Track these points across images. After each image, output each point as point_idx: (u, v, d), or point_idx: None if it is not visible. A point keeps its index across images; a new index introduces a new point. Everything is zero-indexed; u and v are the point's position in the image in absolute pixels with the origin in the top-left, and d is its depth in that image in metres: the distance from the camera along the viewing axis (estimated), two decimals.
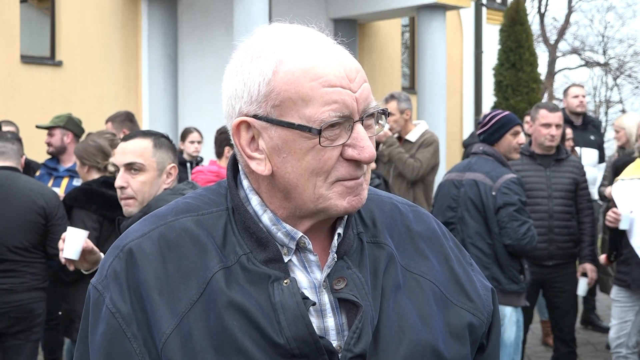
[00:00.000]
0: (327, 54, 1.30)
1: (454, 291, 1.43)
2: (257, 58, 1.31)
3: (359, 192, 1.33)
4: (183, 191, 3.01)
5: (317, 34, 1.35)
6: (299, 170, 1.29)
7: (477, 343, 1.46)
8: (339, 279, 1.33)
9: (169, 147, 3.17)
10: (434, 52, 12.22)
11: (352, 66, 1.31)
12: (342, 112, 1.27)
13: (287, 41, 1.32)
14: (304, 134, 1.27)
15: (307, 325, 1.26)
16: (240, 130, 1.33)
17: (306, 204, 1.31)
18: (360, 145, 1.29)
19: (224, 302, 1.27)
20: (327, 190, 1.30)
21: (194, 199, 1.41)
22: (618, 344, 5.12)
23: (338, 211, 1.32)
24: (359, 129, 1.30)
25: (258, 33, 1.36)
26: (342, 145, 1.29)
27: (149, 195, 3.08)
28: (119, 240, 1.37)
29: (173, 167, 3.11)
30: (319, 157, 1.28)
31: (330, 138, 1.28)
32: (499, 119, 4.80)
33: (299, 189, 1.30)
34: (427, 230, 1.48)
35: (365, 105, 1.31)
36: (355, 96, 1.29)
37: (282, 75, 1.28)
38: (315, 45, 1.31)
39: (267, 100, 1.29)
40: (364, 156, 1.29)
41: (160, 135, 3.22)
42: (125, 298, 1.29)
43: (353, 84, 1.29)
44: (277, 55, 1.30)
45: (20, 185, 4.56)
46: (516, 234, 4.60)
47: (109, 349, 1.29)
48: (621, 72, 28.81)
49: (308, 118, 1.27)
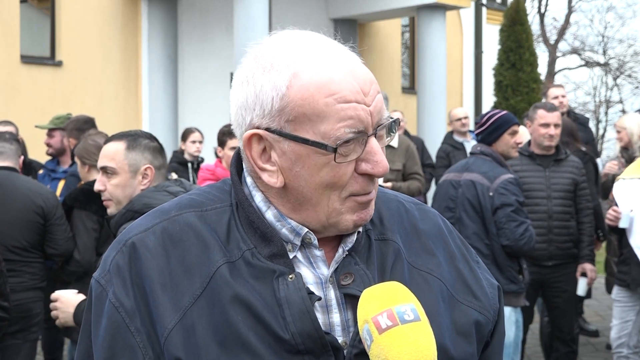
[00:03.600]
0: (341, 66, 1.29)
1: (460, 289, 1.43)
2: (270, 70, 1.29)
3: (368, 207, 1.33)
4: (168, 188, 3.00)
5: (329, 42, 1.33)
6: (312, 184, 1.29)
7: (484, 341, 1.45)
8: (346, 274, 1.33)
9: (146, 147, 3.11)
10: (434, 52, 12.22)
11: (366, 78, 1.30)
12: (357, 127, 1.27)
13: (300, 53, 1.30)
14: (318, 151, 1.27)
15: (312, 321, 1.25)
16: (252, 142, 1.32)
17: (319, 216, 1.31)
18: (374, 160, 1.29)
19: (228, 296, 1.27)
20: (340, 205, 1.30)
21: (198, 195, 1.40)
22: (619, 343, 5.12)
23: (347, 226, 1.32)
24: (373, 144, 1.29)
25: (269, 41, 1.34)
26: (355, 160, 1.29)
27: (123, 197, 3.08)
28: (122, 234, 1.36)
29: (148, 167, 3.07)
30: (334, 172, 1.28)
31: (344, 154, 1.27)
32: (496, 119, 4.80)
33: (313, 202, 1.30)
34: (433, 228, 1.48)
35: (379, 117, 1.31)
36: (370, 109, 1.28)
37: (296, 90, 1.27)
38: (328, 56, 1.30)
39: (280, 115, 1.28)
40: (378, 171, 1.30)
41: (142, 135, 3.18)
42: (128, 292, 1.29)
43: (367, 98, 1.29)
44: (291, 69, 1.28)
45: (19, 185, 4.56)
46: (514, 235, 4.60)
47: (112, 343, 1.28)
48: (621, 72, 28.82)
49: (323, 134, 1.26)
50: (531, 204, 5.34)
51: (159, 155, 3.16)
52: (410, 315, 1.20)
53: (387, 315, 1.20)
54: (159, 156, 3.16)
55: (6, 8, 9.94)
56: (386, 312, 1.20)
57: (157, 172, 3.13)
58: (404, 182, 6.15)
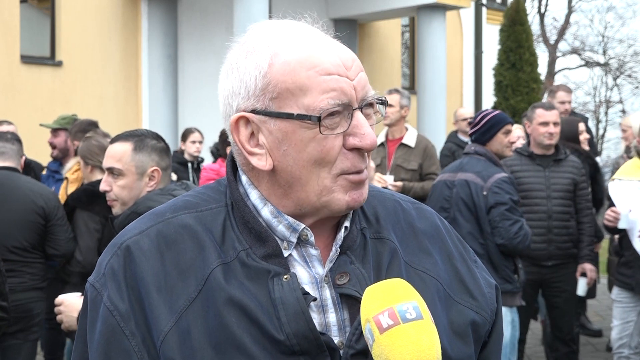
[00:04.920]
0: (322, 43, 1.31)
1: (457, 289, 1.41)
2: (252, 53, 1.31)
3: (361, 188, 1.32)
4: (173, 192, 2.99)
5: (310, 27, 1.35)
6: (301, 162, 1.28)
7: (481, 342, 1.44)
8: (341, 273, 1.31)
9: (153, 149, 3.09)
10: (434, 52, 12.23)
11: (347, 55, 1.31)
12: (341, 99, 1.27)
13: (281, 34, 1.32)
14: (304, 124, 1.26)
15: (307, 321, 1.24)
16: (239, 126, 1.32)
17: (309, 197, 1.30)
18: (361, 132, 1.28)
19: (223, 298, 1.26)
20: (331, 183, 1.29)
21: (193, 196, 1.39)
22: (620, 344, 5.11)
23: (340, 206, 1.31)
24: (359, 117, 1.29)
25: (251, 30, 1.36)
26: (342, 135, 1.28)
27: (129, 199, 3.06)
28: (117, 238, 1.35)
29: (155, 170, 3.05)
30: (321, 147, 1.27)
31: (330, 127, 1.27)
32: (489, 119, 4.81)
33: (302, 181, 1.29)
34: (430, 227, 1.46)
35: (364, 93, 1.30)
36: (353, 84, 1.29)
37: (278, 66, 1.28)
38: (309, 36, 1.32)
39: (264, 94, 1.28)
40: (366, 143, 1.28)
41: (148, 135, 3.15)
42: (123, 296, 1.28)
43: (350, 72, 1.29)
44: (272, 49, 1.29)
45: (20, 185, 4.56)
46: (508, 233, 4.60)
47: (107, 348, 1.27)
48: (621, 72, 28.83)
49: (307, 107, 1.26)
50: (531, 204, 5.34)
51: (165, 156, 3.13)
52: (412, 313, 1.18)
53: (388, 314, 1.17)
54: (166, 157, 3.13)
55: (6, 8, 9.94)
56: (387, 311, 1.18)
57: (164, 173, 3.11)
58: (418, 183, 6.09)
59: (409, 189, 6.00)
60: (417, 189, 6.03)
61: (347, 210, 1.32)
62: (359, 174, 1.31)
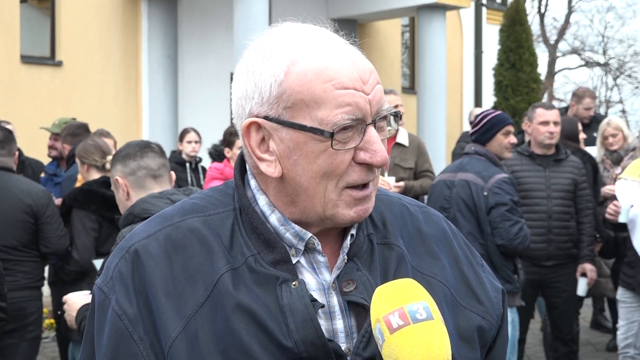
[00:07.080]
0: (340, 54, 1.28)
1: (463, 293, 1.41)
2: (269, 58, 1.29)
3: (366, 202, 1.31)
4: (171, 196, 2.99)
5: (329, 34, 1.33)
6: (310, 172, 1.27)
7: (487, 346, 1.44)
8: (348, 281, 1.31)
9: (117, 159, 3.14)
10: (434, 52, 12.22)
11: (365, 67, 1.30)
12: (355, 114, 1.25)
13: (299, 41, 1.29)
14: (316, 137, 1.25)
15: (315, 328, 1.24)
16: (250, 131, 1.31)
17: (315, 208, 1.29)
18: (373, 149, 1.27)
19: (231, 304, 1.25)
20: (336, 196, 1.28)
21: (201, 199, 1.39)
22: (626, 344, 5.11)
23: (345, 220, 1.30)
24: (372, 132, 1.28)
25: (269, 33, 1.34)
26: (354, 149, 1.27)
27: (124, 209, 3.15)
28: (125, 241, 1.35)
29: (115, 179, 3.13)
30: (331, 160, 1.26)
31: (342, 141, 1.26)
32: (489, 119, 4.81)
33: (309, 192, 1.28)
34: (438, 231, 1.46)
35: (378, 107, 1.29)
36: (369, 98, 1.27)
37: (294, 76, 1.26)
38: (327, 45, 1.29)
39: (278, 102, 1.27)
40: (376, 160, 1.27)
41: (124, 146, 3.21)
42: (131, 300, 1.28)
43: (366, 86, 1.28)
44: (290, 56, 1.27)
45: (10, 184, 4.56)
46: (508, 234, 4.60)
47: (115, 352, 1.27)
48: (621, 72, 28.83)
49: (320, 120, 1.25)
50: (531, 204, 5.34)
51: (129, 160, 3.11)
52: (422, 314, 1.17)
53: (398, 315, 1.17)
54: (130, 161, 3.11)
55: (6, 8, 9.93)
56: (398, 311, 1.17)
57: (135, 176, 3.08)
58: (416, 181, 6.13)
59: (410, 188, 6.02)
60: (417, 188, 6.05)
61: (351, 223, 1.32)
62: (363, 190, 1.30)
